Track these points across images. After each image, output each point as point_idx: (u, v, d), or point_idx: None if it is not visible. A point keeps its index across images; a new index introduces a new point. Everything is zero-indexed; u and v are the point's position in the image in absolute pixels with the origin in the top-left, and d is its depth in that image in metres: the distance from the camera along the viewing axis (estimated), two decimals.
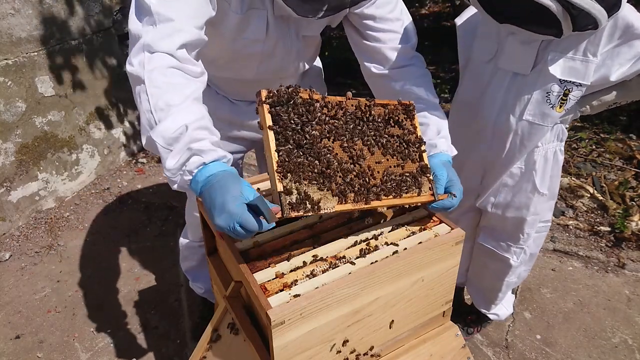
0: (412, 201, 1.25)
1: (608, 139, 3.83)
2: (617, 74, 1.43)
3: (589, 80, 1.46)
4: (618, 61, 1.42)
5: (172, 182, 1.06)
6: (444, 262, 1.27)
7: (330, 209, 1.10)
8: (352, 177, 1.16)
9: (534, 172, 1.72)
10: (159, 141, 1.03)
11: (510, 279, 2.02)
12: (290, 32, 1.47)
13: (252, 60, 1.50)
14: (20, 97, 3.00)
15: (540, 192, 1.75)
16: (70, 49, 3.31)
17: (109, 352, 2.27)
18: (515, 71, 1.56)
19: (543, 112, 1.56)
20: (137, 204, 3.46)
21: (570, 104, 1.52)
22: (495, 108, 1.64)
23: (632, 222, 2.93)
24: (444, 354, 1.38)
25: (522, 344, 2.29)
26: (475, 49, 1.68)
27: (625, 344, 2.27)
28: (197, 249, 2.10)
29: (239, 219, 0.95)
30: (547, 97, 1.53)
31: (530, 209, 1.79)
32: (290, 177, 1.06)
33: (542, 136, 1.62)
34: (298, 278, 1.09)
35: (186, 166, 1.02)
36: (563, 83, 1.49)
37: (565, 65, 1.47)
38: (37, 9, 3.02)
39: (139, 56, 1.09)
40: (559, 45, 1.45)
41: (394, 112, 1.30)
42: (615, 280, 2.65)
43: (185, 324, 2.42)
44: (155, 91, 1.06)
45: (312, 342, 1.10)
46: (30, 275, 2.77)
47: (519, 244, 1.90)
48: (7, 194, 3.04)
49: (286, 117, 1.10)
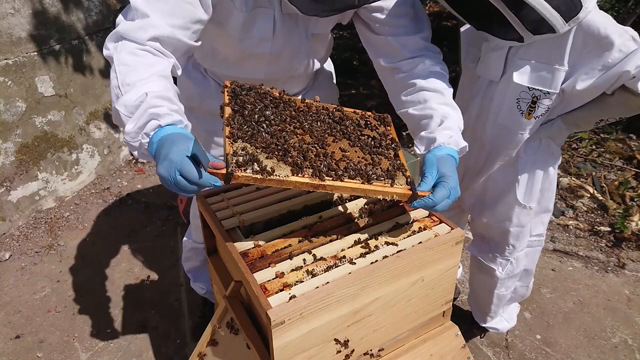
0: (385, 191, 1.14)
1: (608, 139, 3.83)
2: (584, 83, 1.38)
3: (556, 88, 1.43)
4: (585, 70, 1.38)
5: (132, 147, 1.09)
6: (444, 262, 1.27)
7: (284, 177, 1.05)
8: (311, 155, 1.13)
9: (517, 184, 1.70)
10: (121, 110, 1.07)
11: (499, 291, 1.99)
12: (299, 31, 1.47)
13: (261, 59, 1.50)
14: (20, 97, 3.00)
15: (522, 204, 1.73)
16: (70, 49, 3.31)
17: (109, 352, 2.27)
18: (488, 78, 1.57)
19: (514, 119, 1.55)
20: (137, 204, 3.46)
21: (540, 111, 1.50)
22: (474, 113, 1.66)
23: (632, 222, 2.94)
24: (444, 354, 1.38)
25: (522, 344, 2.29)
26: (465, 57, 1.70)
27: (625, 344, 2.27)
28: (200, 251, 2.10)
29: (179, 167, 0.96)
30: (517, 104, 1.52)
31: (512, 220, 1.77)
32: (241, 143, 1.08)
33: (518, 143, 1.60)
34: (298, 278, 1.09)
35: (144, 129, 1.05)
36: (531, 90, 1.47)
37: (532, 73, 1.45)
38: (37, 8, 3.02)
39: (113, 42, 1.18)
40: (526, 53, 1.44)
41: (368, 119, 1.30)
42: (615, 280, 2.65)
43: (185, 324, 2.42)
44: (123, 69, 1.12)
45: (312, 342, 1.10)
46: (30, 275, 2.77)
47: (504, 255, 1.88)
48: (7, 193, 3.04)
49: (245, 99, 1.18)
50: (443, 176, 1.20)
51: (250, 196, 1.44)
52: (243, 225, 1.32)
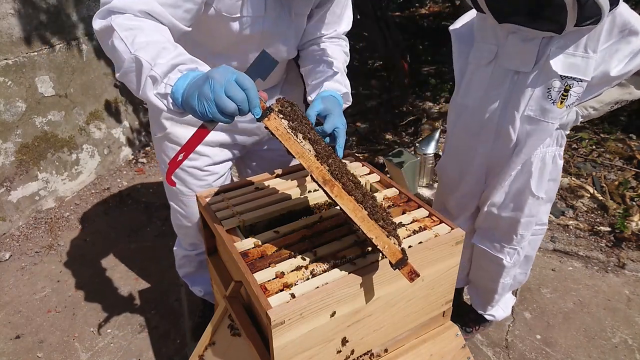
0: (380, 235, 1.03)
1: (608, 139, 3.83)
2: (617, 69, 1.46)
3: (589, 76, 1.48)
4: (617, 57, 1.45)
5: (155, 85, 1.05)
6: (444, 262, 1.27)
7: (307, 149, 1.06)
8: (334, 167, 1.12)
9: (531, 174, 1.72)
10: (142, 55, 1.04)
11: (504, 280, 2.02)
12: (284, 10, 1.48)
13: (251, 42, 1.49)
14: (20, 97, 3.00)
15: (535, 195, 1.75)
16: (70, 49, 3.31)
17: (109, 352, 2.27)
18: (517, 69, 1.59)
19: (544, 108, 1.57)
20: (137, 204, 3.46)
21: (572, 100, 1.53)
22: (499, 107, 1.66)
23: (632, 222, 2.94)
24: (444, 354, 1.38)
25: (522, 344, 2.29)
26: (474, 53, 1.71)
27: (625, 344, 2.27)
28: (193, 257, 2.09)
29: (236, 74, 0.98)
30: (548, 93, 1.55)
31: (524, 211, 1.79)
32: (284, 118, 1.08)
33: (547, 133, 1.62)
34: (298, 278, 1.09)
35: (179, 67, 1.04)
36: (564, 79, 1.51)
37: (566, 62, 1.49)
38: (37, 8, 3.02)
39: (103, 15, 1.13)
40: (560, 42, 1.48)
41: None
42: (615, 280, 2.65)
43: (185, 324, 2.42)
44: (129, 33, 1.08)
45: (312, 342, 1.10)
46: (30, 275, 2.77)
47: (512, 245, 1.90)
48: (7, 193, 3.04)
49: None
50: (326, 109, 1.37)
51: (250, 196, 1.44)
52: (243, 225, 1.32)
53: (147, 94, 1.06)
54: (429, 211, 1.35)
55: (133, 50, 1.06)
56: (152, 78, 1.04)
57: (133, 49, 1.06)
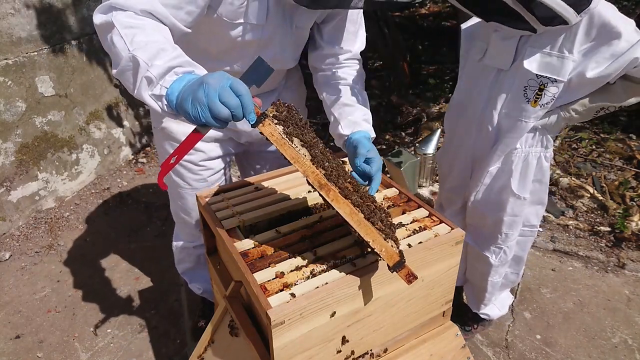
0: (377, 238, 1.04)
1: (608, 139, 3.83)
2: (594, 72, 1.43)
3: (564, 76, 1.47)
4: (595, 59, 1.42)
5: (150, 85, 1.04)
6: (444, 262, 1.27)
7: (302, 154, 1.05)
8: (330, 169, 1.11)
9: (511, 173, 1.73)
10: (140, 55, 1.04)
11: (493, 278, 2.02)
12: (286, 21, 1.48)
13: (248, 48, 1.49)
14: (20, 97, 3.00)
15: (516, 194, 1.75)
16: (70, 49, 3.31)
17: (109, 352, 2.27)
18: (497, 67, 1.61)
19: (520, 106, 1.59)
20: (137, 204, 3.46)
21: (546, 99, 1.53)
22: (481, 104, 1.69)
23: (632, 222, 2.93)
24: (444, 354, 1.38)
25: (522, 344, 2.29)
26: (472, 50, 1.73)
27: (625, 344, 2.27)
28: (191, 250, 2.09)
29: (230, 79, 0.97)
30: (524, 92, 1.56)
31: (507, 210, 1.80)
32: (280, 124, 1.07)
33: (522, 131, 1.63)
34: (298, 278, 1.09)
35: (175, 70, 1.04)
36: (539, 78, 1.51)
37: (542, 61, 1.49)
38: (37, 8, 3.02)
39: (105, 10, 1.13)
40: (537, 41, 1.48)
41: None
42: (615, 280, 2.65)
43: (185, 324, 2.42)
44: (129, 31, 1.09)
45: (312, 342, 1.10)
46: (30, 275, 2.77)
47: (497, 244, 1.92)
48: (7, 193, 3.04)
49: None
50: (370, 150, 1.35)
51: (250, 196, 1.44)
52: (243, 225, 1.32)
53: (142, 94, 1.06)
54: (429, 211, 1.35)
55: (131, 49, 1.06)
56: (147, 79, 1.04)
57: (132, 47, 1.06)
